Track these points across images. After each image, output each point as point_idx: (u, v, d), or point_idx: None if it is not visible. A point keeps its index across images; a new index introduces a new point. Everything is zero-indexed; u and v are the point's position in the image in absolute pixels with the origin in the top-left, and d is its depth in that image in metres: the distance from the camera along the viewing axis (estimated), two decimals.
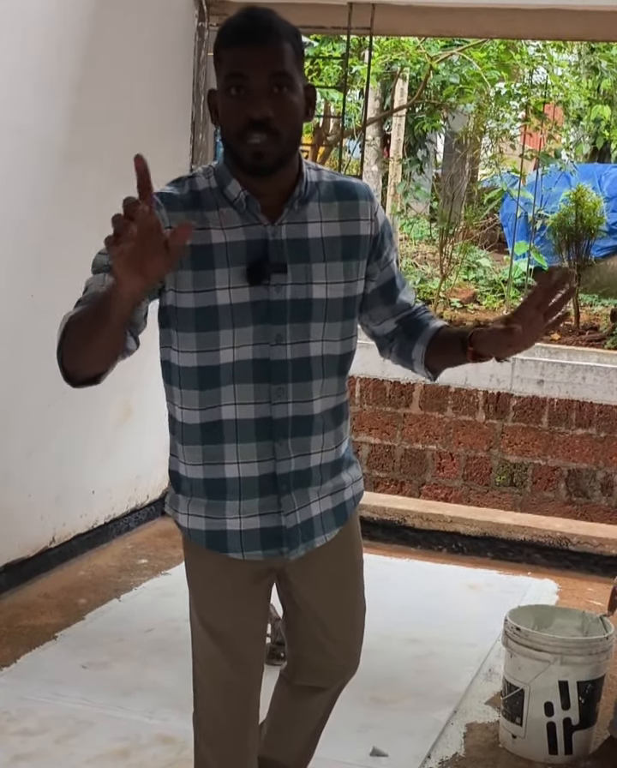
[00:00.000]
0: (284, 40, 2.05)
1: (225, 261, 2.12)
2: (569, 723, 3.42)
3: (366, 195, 2.27)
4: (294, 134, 2.10)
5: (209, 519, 2.26)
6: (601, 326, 11.75)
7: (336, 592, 2.48)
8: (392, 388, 6.62)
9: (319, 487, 2.31)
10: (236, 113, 2.04)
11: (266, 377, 2.18)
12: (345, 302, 2.24)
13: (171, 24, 5.33)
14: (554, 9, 5.00)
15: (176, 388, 2.23)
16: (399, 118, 12.96)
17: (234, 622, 2.35)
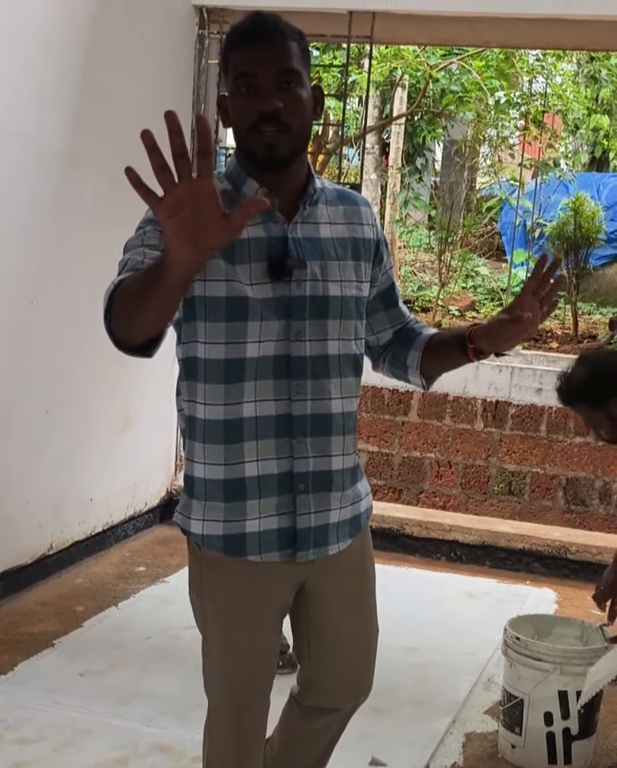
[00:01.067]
0: (289, 39, 2.10)
1: (247, 256, 2.14)
2: (569, 733, 3.41)
3: (365, 202, 2.35)
4: (304, 128, 2.14)
5: (227, 522, 2.24)
6: (599, 334, 11.76)
7: (351, 611, 2.45)
8: (391, 396, 6.61)
9: (341, 493, 2.31)
10: (246, 110, 2.09)
11: (285, 373, 2.20)
12: (358, 301, 2.28)
13: (172, 31, 5.34)
14: (554, 18, 5.01)
15: (200, 384, 2.21)
16: (398, 127, 12.97)
17: (251, 634, 2.33)
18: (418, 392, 6.53)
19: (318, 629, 2.44)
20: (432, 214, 14.27)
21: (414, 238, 14.37)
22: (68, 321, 4.63)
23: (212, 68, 5.61)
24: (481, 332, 2.21)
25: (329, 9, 5.21)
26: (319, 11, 5.22)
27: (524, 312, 2.12)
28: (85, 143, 4.71)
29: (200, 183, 1.67)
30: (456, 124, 13.80)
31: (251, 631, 2.33)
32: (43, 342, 4.49)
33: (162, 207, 1.68)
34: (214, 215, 1.68)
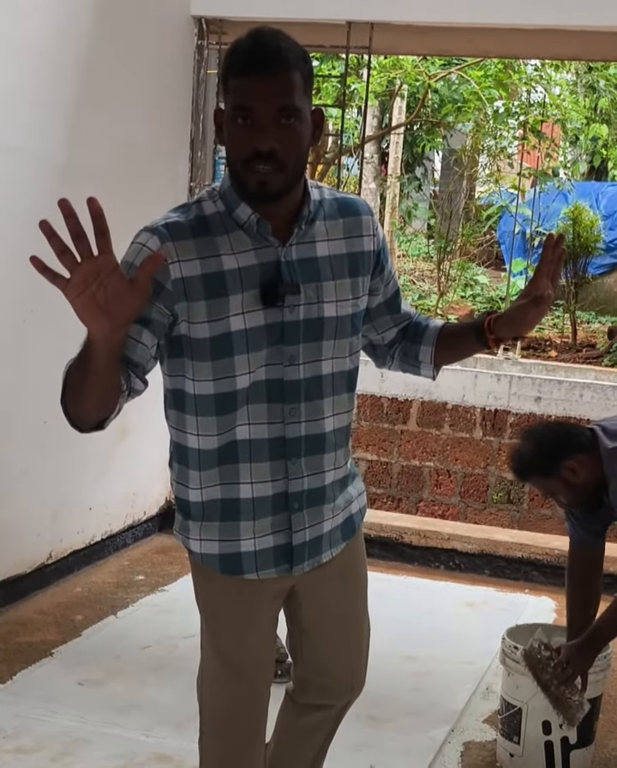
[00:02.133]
0: (292, 69, 2.03)
1: (239, 286, 2.11)
2: (567, 742, 3.41)
3: (366, 211, 2.30)
4: (299, 162, 2.10)
5: (223, 541, 2.26)
6: (598, 343, 11.77)
7: (342, 612, 2.48)
8: (390, 405, 6.62)
9: (333, 504, 2.33)
10: (242, 143, 2.04)
11: (279, 397, 2.19)
12: (353, 318, 2.27)
13: (170, 43, 5.35)
14: (551, 29, 5.02)
15: (189, 416, 2.21)
16: (397, 136, 13.01)
17: (248, 646, 2.36)
18: (417, 401, 6.54)
19: (310, 630, 2.46)
20: (431, 223, 14.31)
21: (413, 247, 14.40)
22: (66, 332, 4.61)
23: (211, 78, 5.62)
24: (502, 321, 2.26)
25: (328, 19, 5.22)
26: (318, 22, 5.23)
27: (544, 291, 2.19)
28: (83, 156, 4.72)
29: (102, 260, 1.77)
30: (455, 134, 13.84)
31: (246, 645, 2.36)
32: (41, 353, 4.50)
33: (70, 287, 1.76)
34: (120, 286, 1.78)
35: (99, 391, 1.99)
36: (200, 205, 2.17)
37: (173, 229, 2.10)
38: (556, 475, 3.28)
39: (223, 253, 2.11)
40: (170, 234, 2.09)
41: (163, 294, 2.07)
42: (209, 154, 5.72)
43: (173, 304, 2.09)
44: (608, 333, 11.88)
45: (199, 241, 2.10)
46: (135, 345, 2.09)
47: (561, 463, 3.25)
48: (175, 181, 5.52)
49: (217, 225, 2.13)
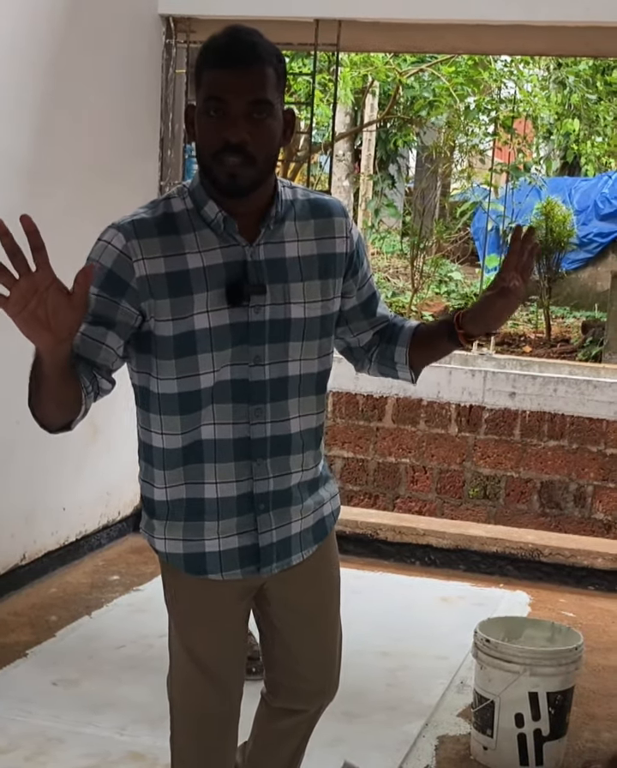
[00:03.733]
0: (266, 65, 2.04)
1: (204, 284, 2.11)
2: (540, 734, 3.43)
3: (340, 212, 2.28)
4: (269, 158, 2.10)
5: (187, 541, 2.26)
6: (572, 338, 11.83)
7: (314, 613, 2.47)
8: (365, 402, 6.62)
9: (301, 506, 2.31)
10: (213, 135, 2.04)
11: (244, 398, 2.18)
12: (323, 320, 2.25)
13: (139, 41, 5.35)
14: (519, 24, 5.04)
15: (154, 415, 2.21)
16: (370, 133, 13.02)
17: (215, 646, 2.35)
18: (392, 397, 6.54)
19: (282, 632, 2.45)
20: (405, 220, 14.33)
21: (387, 244, 14.42)
22: None
23: (180, 77, 5.62)
24: (469, 316, 2.22)
25: (295, 17, 5.22)
26: (285, 19, 5.23)
27: (510, 282, 2.14)
28: (52, 156, 4.71)
29: (40, 276, 1.78)
30: (428, 131, 13.87)
31: (213, 643, 2.36)
32: (11, 352, 4.47)
33: (10, 305, 1.77)
34: (59, 300, 1.79)
35: (57, 399, 2.01)
36: (168, 202, 2.17)
37: (138, 226, 2.11)
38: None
39: (188, 251, 2.11)
40: (135, 232, 2.10)
41: (128, 292, 2.08)
42: (179, 153, 5.71)
43: (140, 302, 2.10)
44: (581, 328, 11.95)
45: (164, 239, 2.10)
46: (99, 348, 2.09)
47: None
48: (145, 180, 5.51)
49: (184, 223, 2.13)
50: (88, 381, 2.06)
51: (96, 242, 2.16)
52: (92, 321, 2.06)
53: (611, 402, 6.09)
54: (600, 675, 4.22)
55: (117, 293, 2.07)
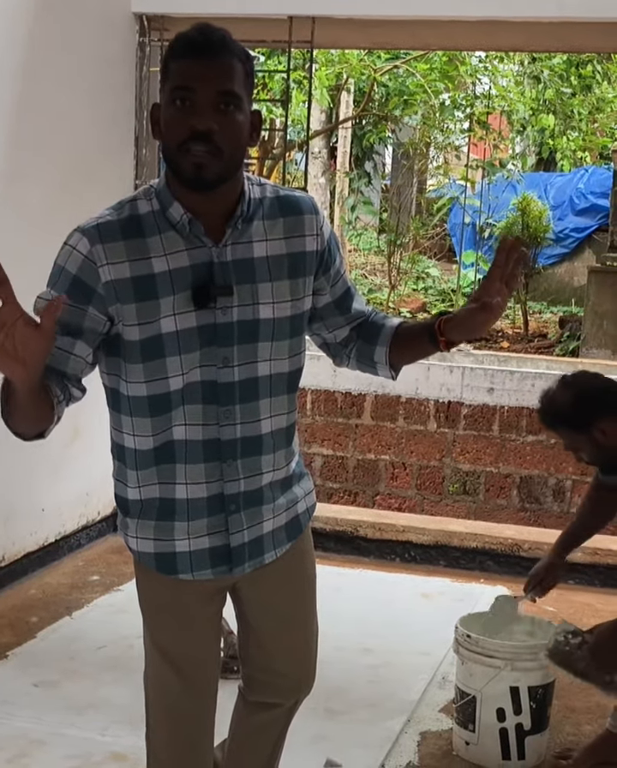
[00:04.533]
0: (234, 58, 2.03)
1: (170, 288, 2.09)
2: (521, 729, 3.43)
3: (310, 209, 2.24)
4: (236, 153, 2.07)
5: (158, 540, 2.26)
6: (550, 333, 11.86)
7: (288, 611, 2.47)
8: (344, 399, 6.63)
9: (272, 505, 2.31)
10: (179, 124, 2.01)
11: (214, 399, 2.17)
12: (292, 320, 2.23)
13: (112, 40, 5.33)
14: (493, 20, 5.05)
15: (125, 417, 2.21)
16: (345, 130, 13.02)
17: (187, 645, 2.35)
18: (371, 394, 6.55)
19: (256, 629, 2.45)
20: (382, 217, 14.34)
21: (364, 241, 14.43)
22: None
23: (154, 76, 5.59)
24: (452, 324, 2.18)
25: (269, 14, 5.22)
26: (259, 17, 5.23)
27: (493, 298, 2.09)
28: (26, 157, 4.69)
29: (6, 311, 1.81)
30: (404, 128, 13.88)
31: (185, 641, 2.35)
32: None
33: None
34: (26, 333, 1.81)
35: (29, 414, 2.02)
36: (134, 203, 2.14)
37: (103, 230, 2.09)
38: (586, 432, 3.14)
39: (153, 255, 2.09)
40: (99, 236, 2.08)
41: (95, 298, 2.07)
42: (155, 152, 5.69)
43: (107, 307, 2.09)
44: (559, 323, 11.98)
45: (129, 243, 2.09)
46: (68, 358, 2.10)
47: (595, 422, 3.11)
48: (121, 179, 5.50)
49: (150, 225, 2.11)
50: (59, 390, 2.06)
51: (62, 246, 2.14)
52: (59, 330, 2.02)
53: None
54: None
55: (84, 300, 2.06)
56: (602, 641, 3.17)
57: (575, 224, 13.66)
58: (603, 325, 10.74)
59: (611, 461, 3.26)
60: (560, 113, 13.20)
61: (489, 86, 11.17)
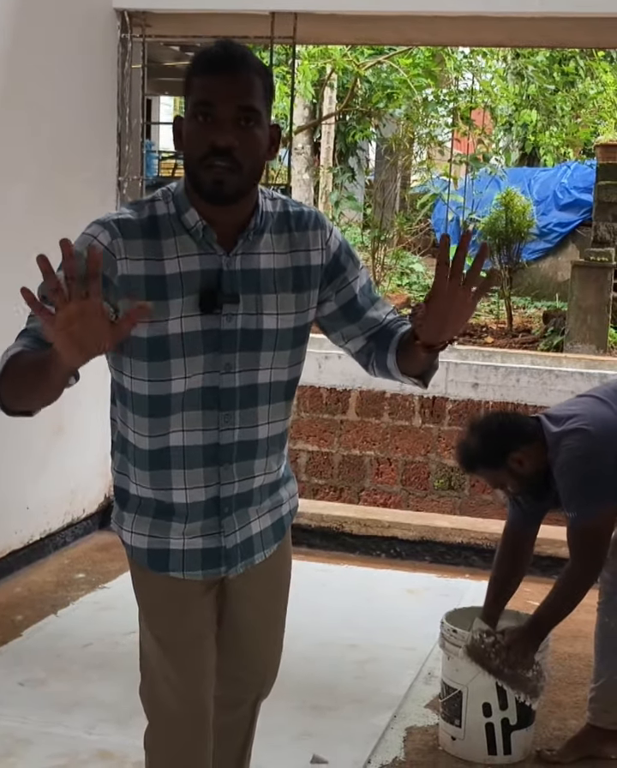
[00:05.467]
0: (255, 74, 2.09)
1: (179, 290, 2.13)
2: (507, 724, 3.45)
3: (317, 225, 2.29)
4: (255, 168, 2.12)
5: (152, 537, 2.30)
6: (534, 328, 11.88)
7: (269, 608, 2.54)
8: (329, 395, 6.62)
9: (258, 506, 2.36)
10: (200, 139, 2.06)
11: (214, 404, 2.21)
12: (295, 331, 2.27)
13: (94, 36, 5.31)
14: (476, 15, 5.05)
15: (129, 412, 2.24)
16: (329, 126, 13.01)
17: (182, 632, 2.38)
18: (356, 390, 6.55)
19: (237, 625, 2.48)
20: (366, 213, 14.34)
21: (348, 237, 14.41)
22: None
23: (136, 72, 5.59)
24: (418, 327, 2.13)
25: (251, 10, 5.20)
26: (241, 13, 5.22)
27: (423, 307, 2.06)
28: (8, 153, 4.67)
29: (89, 303, 1.78)
30: (387, 123, 13.88)
31: (179, 633, 2.37)
32: None
33: (55, 322, 1.78)
34: (101, 328, 1.80)
35: (48, 393, 2.01)
36: (153, 204, 2.19)
37: (124, 226, 2.13)
38: (503, 467, 3.33)
39: (167, 257, 2.14)
40: (120, 231, 2.12)
41: (109, 289, 2.08)
42: (138, 148, 5.69)
43: (117, 300, 2.10)
44: (543, 318, 12.00)
45: (147, 242, 2.13)
46: None
47: (508, 455, 3.30)
48: (104, 175, 5.48)
49: (166, 227, 2.16)
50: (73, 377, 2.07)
51: (80, 235, 2.15)
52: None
53: (573, 391, 6.11)
54: (565, 663, 4.25)
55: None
56: (512, 643, 3.35)
57: (559, 219, 13.68)
58: (587, 320, 10.76)
59: (536, 487, 3.38)
60: (542, 109, 13.22)
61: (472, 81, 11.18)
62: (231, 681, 2.53)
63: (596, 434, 3.26)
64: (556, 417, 3.36)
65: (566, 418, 3.33)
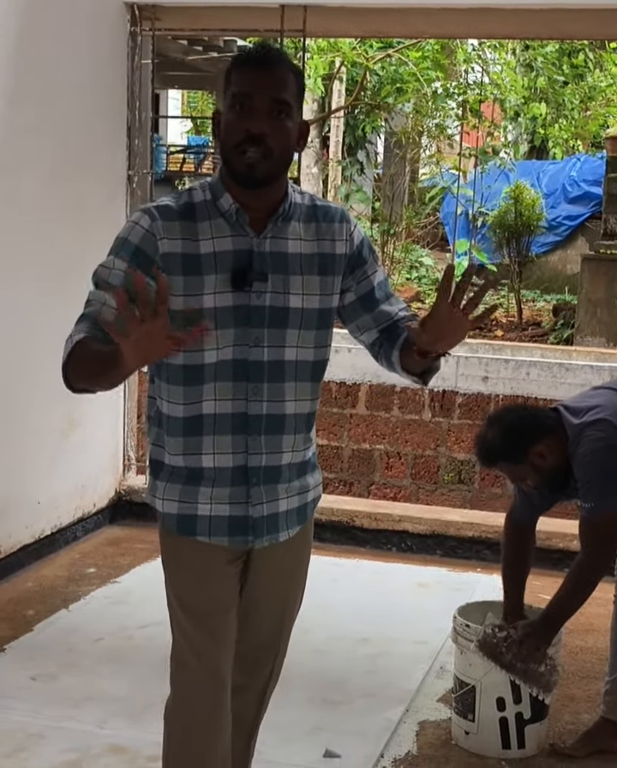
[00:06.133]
0: (288, 71, 2.33)
1: (213, 268, 2.34)
2: (521, 718, 3.44)
3: (342, 218, 2.50)
4: (285, 155, 2.33)
5: (182, 503, 2.46)
6: (543, 321, 11.85)
7: (287, 588, 2.65)
8: (338, 389, 6.61)
9: (287, 485, 2.50)
10: (237, 127, 2.29)
11: (244, 376, 2.40)
12: (320, 313, 2.44)
13: (103, 30, 5.30)
14: (485, 7, 5.02)
15: (164, 384, 2.43)
16: (337, 120, 12.98)
17: (205, 597, 2.52)
18: (365, 384, 6.54)
19: (255, 599, 2.59)
20: (375, 206, 14.32)
21: None
22: (11, 324, 4.60)
23: (146, 66, 5.58)
24: (415, 334, 2.31)
25: (261, 3, 5.20)
26: (251, 6, 5.22)
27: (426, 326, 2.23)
28: (18, 147, 4.66)
29: (158, 323, 2.01)
30: (396, 116, 13.85)
31: (203, 596, 2.52)
32: None
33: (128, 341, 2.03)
34: (162, 342, 2.05)
35: (107, 386, 2.28)
36: (190, 193, 2.43)
37: (162, 211, 2.37)
38: (525, 461, 3.31)
39: (202, 237, 2.35)
40: (159, 214, 2.36)
41: (152, 268, 2.26)
42: (147, 142, 5.68)
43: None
44: (552, 311, 11.98)
45: (183, 224, 2.36)
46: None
47: (530, 449, 3.28)
48: (113, 169, 5.48)
49: (202, 212, 2.38)
50: None
51: (126, 222, 2.42)
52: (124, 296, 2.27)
53: (583, 384, 6.09)
54: (578, 657, 4.24)
55: (144, 268, 2.25)
56: (524, 638, 3.34)
57: (568, 212, 13.65)
58: (597, 313, 10.73)
59: (556, 480, 3.37)
60: (552, 101, 13.17)
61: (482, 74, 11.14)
62: (240, 661, 2.62)
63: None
64: (575, 409, 3.35)
65: (587, 410, 3.31)
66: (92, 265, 2.38)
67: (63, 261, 4.90)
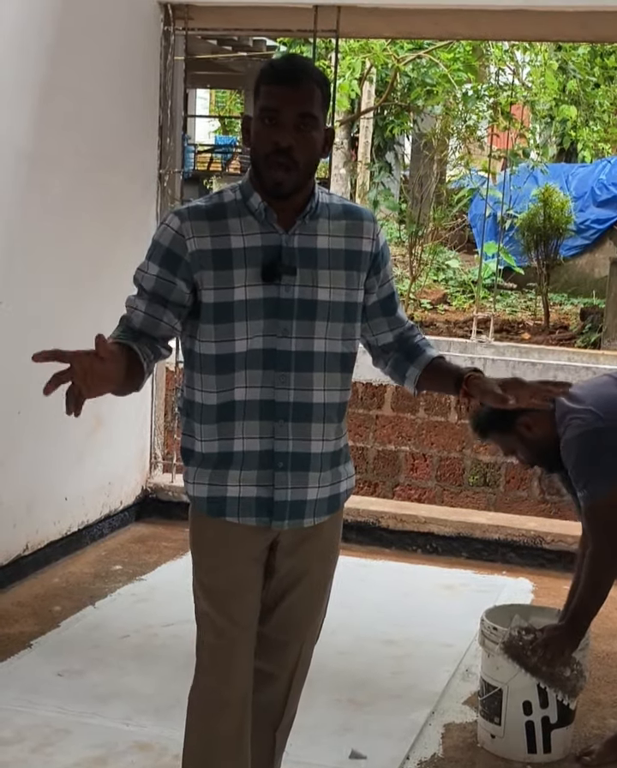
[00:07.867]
0: (315, 85, 2.43)
1: (243, 262, 2.47)
2: (548, 722, 3.43)
3: (369, 218, 2.63)
4: (309, 165, 2.47)
5: (212, 485, 2.56)
6: (571, 324, 11.81)
7: (315, 575, 2.70)
8: (365, 390, 6.61)
9: (319, 474, 2.58)
10: (265, 139, 2.43)
11: (272, 365, 2.50)
12: (347, 306, 2.56)
13: (137, 29, 5.32)
14: (519, 9, 5.02)
15: (196, 374, 2.54)
16: (366, 121, 12.98)
17: (227, 577, 2.61)
18: (392, 385, 6.53)
19: (284, 586, 2.66)
20: (402, 208, 14.30)
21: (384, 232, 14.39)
22: (38, 321, 4.61)
23: (179, 65, 5.59)
24: (476, 384, 2.50)
25: (295, 3, 5.20)
26: (285, 6, 5.22)
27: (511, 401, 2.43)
28: (51, 142, 4.68)
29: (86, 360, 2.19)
30: (425, 118, 13.83)
31: (227, 580, 2.60)
32: (13, 343, 4.47)
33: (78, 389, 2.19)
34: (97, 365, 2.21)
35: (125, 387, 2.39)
36: (221, 194, 2.56)
37: (192, 212, 2.50)
38: (512, 430, 3.38)
39: (232, 234, 2.48)
40: (188, 215, 2.49)
41: (182, 267, 2.46)
42: (178, 141, 5.69)
43: (192, 273, 2.47)
44: (580, 315, 11.93)
45: (213, 223, 2.48)
46: (158, 324, 2.49)
47: (516, 418, 3.35)
48: (144, 168, 5.50)
49: (232, 210, 2.51)
50: (150, 350, 2.45)
51: (159, 225, 2.57)
52: (151, 299, 2.47)
53: None
54: (605, 662, 4.23)
55: (174, 269, 2.46)
56: (550, 641, 3.34)
57: (596, 215, 13.59)
58: None
59: (545, 454, 3.41)
60: (582, 104, 13.11)
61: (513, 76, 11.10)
62: (267, 648, 2.69)
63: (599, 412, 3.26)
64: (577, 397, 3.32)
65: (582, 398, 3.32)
66: (121, 261, 2.44)
67: (94, 257, 4.91)
